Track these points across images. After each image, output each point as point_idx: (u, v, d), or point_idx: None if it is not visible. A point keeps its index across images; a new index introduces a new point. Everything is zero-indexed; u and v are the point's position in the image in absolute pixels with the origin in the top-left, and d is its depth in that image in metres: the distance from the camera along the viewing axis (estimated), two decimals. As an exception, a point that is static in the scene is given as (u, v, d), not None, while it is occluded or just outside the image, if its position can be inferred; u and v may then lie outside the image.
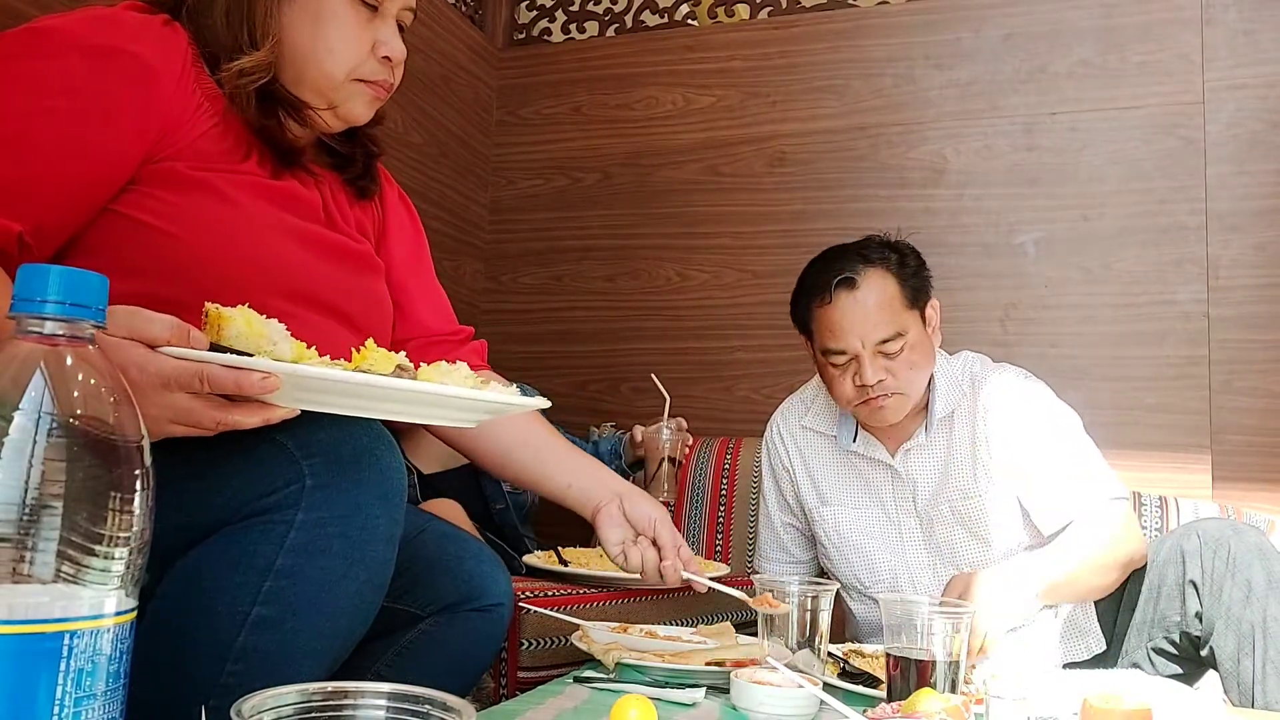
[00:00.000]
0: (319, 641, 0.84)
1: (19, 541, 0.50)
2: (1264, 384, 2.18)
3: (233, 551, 0.81)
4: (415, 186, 2.57)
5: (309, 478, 0.81)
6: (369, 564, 0.85)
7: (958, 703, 0.87)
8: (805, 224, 2.57)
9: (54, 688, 0.51)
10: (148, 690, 0.83)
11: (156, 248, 0.92)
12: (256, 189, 0.99)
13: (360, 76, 1.05)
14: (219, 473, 0.83)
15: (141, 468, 0.56)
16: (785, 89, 2.67)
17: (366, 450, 0.84)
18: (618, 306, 2.75)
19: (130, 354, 0.71)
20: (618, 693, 1.04)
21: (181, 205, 0.93)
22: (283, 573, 0.80)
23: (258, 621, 0.80)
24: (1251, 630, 1.38)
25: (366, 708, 0.63)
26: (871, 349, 1.55)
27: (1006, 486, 1.60)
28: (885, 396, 1.56)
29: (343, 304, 1.06)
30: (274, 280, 0.98)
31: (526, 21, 3.03)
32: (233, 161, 0.99)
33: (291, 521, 0.80)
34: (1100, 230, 2.34)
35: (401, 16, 1.09)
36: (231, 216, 0.96)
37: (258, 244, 0.97)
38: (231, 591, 0.80)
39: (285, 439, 0.82)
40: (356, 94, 1.06)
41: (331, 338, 1.02)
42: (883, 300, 1.56)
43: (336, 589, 0.83)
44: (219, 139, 0.98)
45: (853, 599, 1.75)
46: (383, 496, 0.85)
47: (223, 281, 0.93)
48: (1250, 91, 2.26)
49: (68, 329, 0.55)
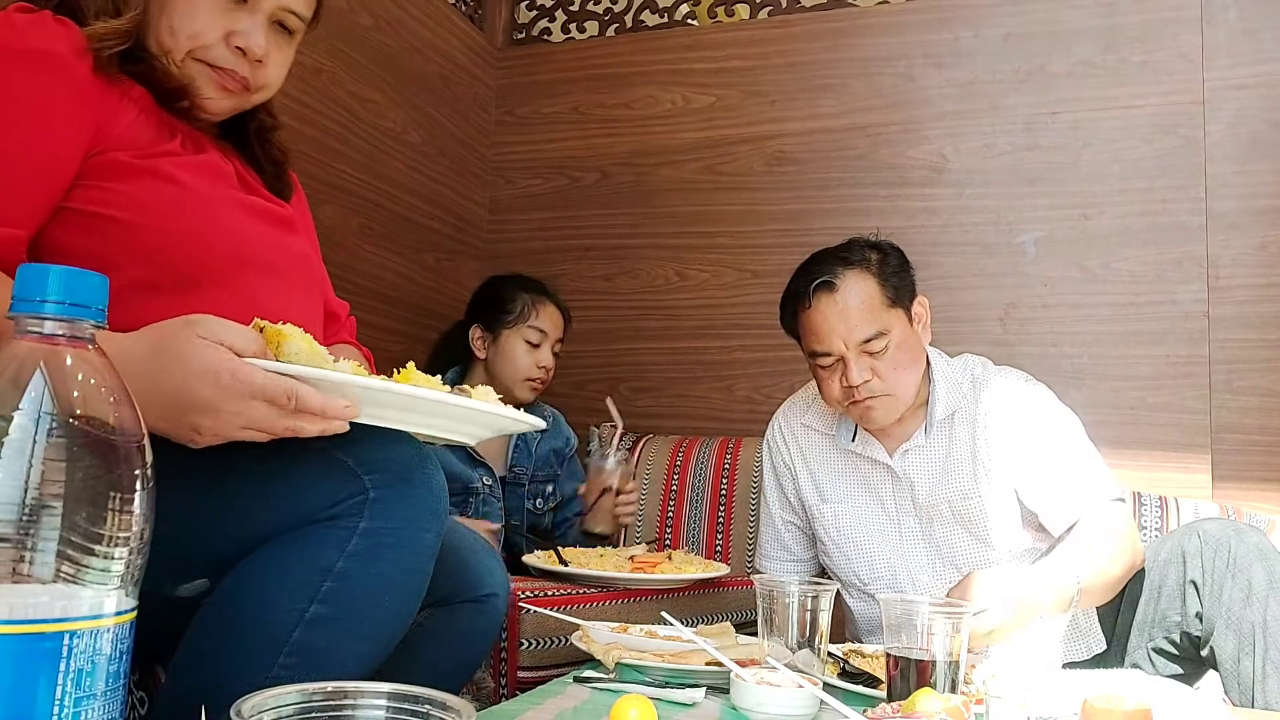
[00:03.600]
0: (364, 644, 0.89)
1: (19, 541, 0.50)
2: (1264, 384, 2.18)
3: (296, 552, 0.86)
4: (414, 186, 2.57)
5: (371, 490, 0.86)
6: (415, 573, 0.90)
7: (958, 703, 0.87)
8: (804, 223, 2.57)
9: (54, 687, 0.51)
10: (199, 676, 0.85)
11: (123, 238, 0.96)
12: (190, 167, 1.03)
13: (202, 57, 1.05)
14: (283, 485, 0.87)
15: (141, 468, 0.56)
16: (784, 88, 2.66)
17: (418, 468, 0.89)
18: (617, 306, 2.75)
19: (224, 360, 0.76)
20: (618, 693, 1.04)
21: (134, 193, 0.97)
22: (341, 575, 0.85)
23: (314, 619, 0.84)
24: (1252, 630, 1.38)
25: (366, 708, 0.63)
26: (855, 349, 1.56)
27: (1007, 488, 1.60)
28: (872, 398, 1.57)
29: (282, 264, 1.11)
30: (233, 251, 1.03)
31: (526, 21, 3.03)
32: (162, 144, 1.02)
33: (355, 528, 0.85)
34: (1100, 230, 2.34)
35: (281, 16, 1.10)
36: (182, 196, 1.00)
37: (213, 219, 1.02)
38: (292, 589, 0.84)
39: (344, 456, 0.87)
40: (199, 75, 1.06)
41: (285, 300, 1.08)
42: (862, 301, 1.57)
43: (386, 594, 0.88)
44: (145, 125, 1.01)
45: (852, 596, 1.75)
46: (433, 512, 0.90)
47: (190, 259, 0.98)
48: (1250, 91, 2.26)
49: (68, 329, 0.55)
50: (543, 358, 2.08)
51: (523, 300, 2.10)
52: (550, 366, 2.10)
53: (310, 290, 1.18)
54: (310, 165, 2.18)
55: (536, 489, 2.10)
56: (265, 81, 1.11)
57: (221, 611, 0.86)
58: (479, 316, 2.13)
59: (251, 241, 1.06)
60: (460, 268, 2.80)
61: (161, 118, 1.04)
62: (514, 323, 2.07)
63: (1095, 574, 1.43)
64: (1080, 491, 1.54)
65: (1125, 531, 1.50)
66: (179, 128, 1.06)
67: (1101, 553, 1.45)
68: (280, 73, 1.13)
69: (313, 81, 2.18)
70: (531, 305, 2.10)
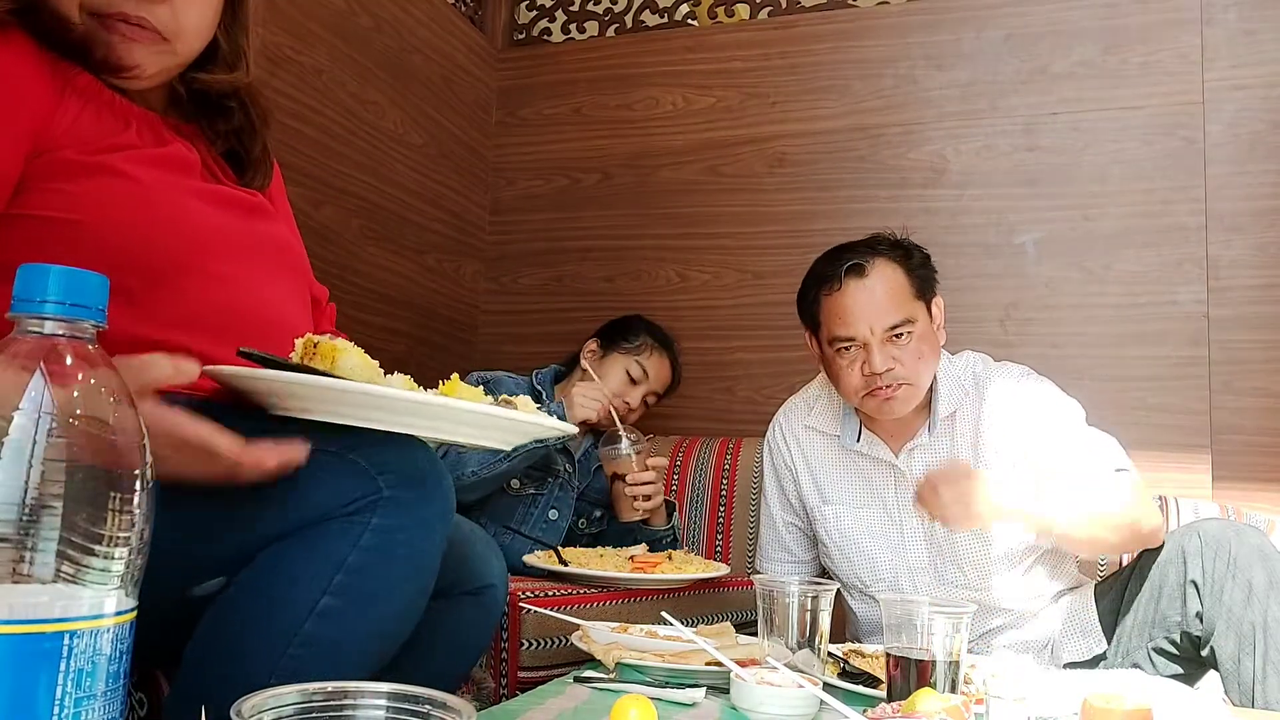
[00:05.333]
0: (372, 641, 0.90)
1: (19, 541, 0.50)
2: (1264, 384, 2.18)
3: (311, 546, 0.87)
4: (415, 187, 2.57)
5: (385, 490, 0.87)
6: (423, 573, 0.92)
7: (958, 703, 0.87)
8: (806, 224, 2.57)
9: (54, 688, 0.51)
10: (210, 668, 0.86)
11: (79, 242, 0.91)
12: (149, 160, 0.98)
13: (93, 9, 0.95)
14: (300, 485, 0.87)
15: (141, 468, 0.56)
16: (785, 89, 2.66)
17: (429, 470, 0.91)
18: (618, 307, 2.73)
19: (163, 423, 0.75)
20: (618, 693, 1.04)
21: (84, 193, 0.92)
22: (353, 568, 0.86)
23: (324, 611, 0.85)
24: (1252, 630, 1.38)
25: (366, 707, 0.63)
26: (880, 336, 1.56)
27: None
28: (894, 387, 1.57)
29: (258, 251, 1.08)
30: (200, 246, 0.99)
31: (526, 22, 3.03)
32: (115, 138, 0.97)
33: (367, 524, 0.86)
34: (1100, 230, 2.34)
35: None
36: (138, 193, 0.95)
37: (173, 214, 0.98)
38: (305, 581, 0.85)
39: (358, 458, 0.87)
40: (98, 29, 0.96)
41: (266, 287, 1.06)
42: (891, 288, 1.58)
43: (395, 591, 0.89)
44: (95, 118, 0.96)
45: (853, 598, 1.75)
46: (441, 513, 0.91)
47: (156, 256, 0.94)
48: (1250, 91, 2.26)
49: (68, 329, 0.55)
50: (632, 396, 2.14)
51: (645, 340, 2.19)
52: (634, 409, 2.14)
53: (294, 276, 1.15)
54: (311, 166, 2.18)
55: (584, 509, 2.12)
56: (176, 26, 0.98)
57: (235, 604, 0.87)
58: (603, 334, 2.23)
59: (219, 235, 1.02)
60: (461, 269, 2.80)
61: (114, 107, 0.98)
62: (628, 351, 2.17)
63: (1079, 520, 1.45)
64: (1087, 464, 1.54)
65: (1131, 499, 1.49)
66: (134, 114, 0.99)
67: (1094, 508, 1.47)
68: (194, 13, 1.00)
69: (313, 82, 2.18)
70: (651, 348, 2.19)
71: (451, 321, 2.76)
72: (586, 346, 2.20)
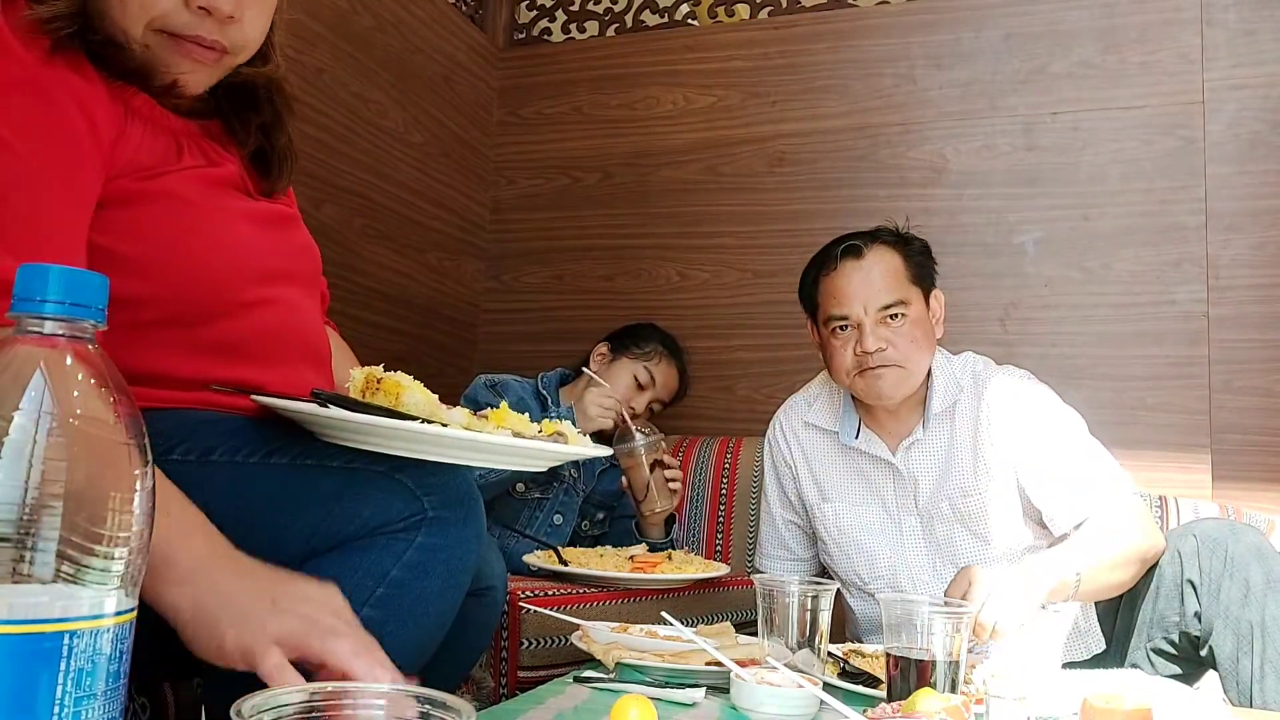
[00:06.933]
0: (405, 654, 0.90)
1: (19, 541, 0.50)
2: (1264, 384, 2.18)
3: (357, 559, 0.89)
4: (416, 186, 2.57)
5: (430, 510, 0.90)
6: (456, 591, 0.95)
7: (958, 703, 0.87)
8: (805, 224, 2.57)
9: (54, 688, 0.51)
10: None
11: (132, 272, 0.91)
12: (203, 181, 1.00)
13: (164, 28, 0.93)
14: (349, 503, 0.90)
15: (141, 468, 0.56)
16: (785, 89, 2.66)
17: (469, 494, 0.95)
18: (618, 306, 2.74)
19: None
20: (618, 693, 1.04)
21: (139, 219, 0.93)
22: (394, 583, 0.89)
23: (364, 621, 0.85)
24: (1250, 630, 1.38)
25: (366, 708, 0.63)
26: (874, 316, 1.58)
27: (1008, 483, 1.60)
28: (884, 367, 1.58)
29: (291, 267, 1.10)
30: (244, 268, 1.01)
31: (526, 21, 3.03)
32: (171, 161, 0.97)
33: (412, 541, 0.90)
34: (1100, 230, 2.34)
35: None
36: (192, 216, 0.96)
37: (224, 237, 0.99)
38: (347, 592, 0.85)
39: (405, 479, 0.91)
40: (164, 49, 0.94)
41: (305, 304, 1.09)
42: (887, 270, 1.61)
43: (430, 607, 0.92)
44: (151, 145, 0.96)
45: (852, 596, 1.75)
46: (477, 535, 0.95)
47: (200, 283, 0.96)
48: (1250, 91, 2.26)
49: (68, 329, 0.55)
50: (638, 401, 2.15)
51: (655, 346, 2.21)
52: (640, 414, 2.15)
53: (316, 281, 1.19)
54: (313, 165, 2.18)
55: (589, 510, 2.12)
56: (244, 41, 0.98)
57: None
58: (614, 338, 2.25)
59: (262, 256, 1.03)
60: (463, 268, 2.80)
61: (167, 126, 0.98)
62: (638, 356, 2.18)
63: (1095, 570, 1.42)
64: (1087, 490, 1.54)
65: (1135, 529, 1.49)
66: (183, 132, 1.00)
67: (1104, 554, 1.45)
68: (259, 26, 1.00)
69: (315, 82, 2.18)
70: (661, 355, 2.21)
71: (452, 320, 2.76)
72: (597, 350, 2.21)
